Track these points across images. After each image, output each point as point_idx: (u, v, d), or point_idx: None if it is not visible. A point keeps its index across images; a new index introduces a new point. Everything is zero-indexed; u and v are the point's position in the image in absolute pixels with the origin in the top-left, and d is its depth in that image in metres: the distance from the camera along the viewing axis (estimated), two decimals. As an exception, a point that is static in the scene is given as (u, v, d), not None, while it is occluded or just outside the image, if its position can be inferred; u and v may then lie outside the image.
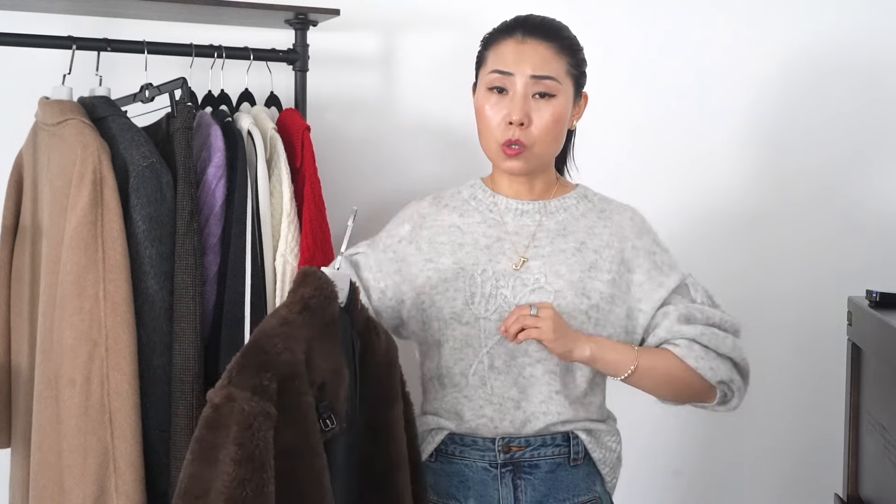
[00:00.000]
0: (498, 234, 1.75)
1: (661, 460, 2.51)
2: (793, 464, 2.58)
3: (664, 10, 2.45)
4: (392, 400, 1.60)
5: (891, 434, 1.76)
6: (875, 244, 2.55)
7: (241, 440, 1.30)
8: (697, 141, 2.49)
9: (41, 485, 1.69)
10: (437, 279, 1.73)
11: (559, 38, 1.72)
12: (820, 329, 2.42)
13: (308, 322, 1.42)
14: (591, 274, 1.71)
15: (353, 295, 1.55)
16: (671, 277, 1.75)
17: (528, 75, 1.68)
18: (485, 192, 1.80)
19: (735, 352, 1.74)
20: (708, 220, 2.50)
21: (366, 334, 1.57)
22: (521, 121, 1.67)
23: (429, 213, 1.82)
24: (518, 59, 1.69)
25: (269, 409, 1.32)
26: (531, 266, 1.71)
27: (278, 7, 1.98)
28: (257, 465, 1.29)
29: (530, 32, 1.71)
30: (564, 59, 1.71)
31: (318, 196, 1.89)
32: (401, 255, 1.79)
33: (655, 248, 1.77)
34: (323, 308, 1.45)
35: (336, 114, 2.24)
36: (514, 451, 1.69)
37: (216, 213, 1.78)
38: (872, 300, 1.91)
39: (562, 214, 1.77)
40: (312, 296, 1.44)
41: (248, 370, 1.34)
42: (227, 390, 1.33)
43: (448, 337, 1.71)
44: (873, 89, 2.56)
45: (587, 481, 1.73)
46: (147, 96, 1.85)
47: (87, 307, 1.64)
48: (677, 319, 1.71)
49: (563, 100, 1.70)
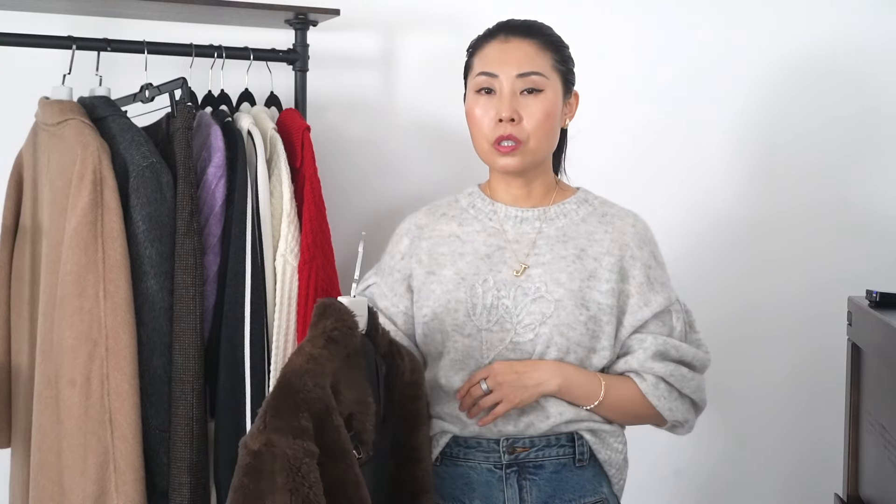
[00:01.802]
0: (498, 242, 1.75)
1: (661, 460, 2.51)
2: (793, 464, 2.58)
3: (659, 13, 2.45)
4: (418, 422, 1.60)
5: (891, 434, 1.76)
6: (875, 244, 2.55)
7: (292, 486, 1.27)
8: (693, 146, 2.49)
9: (41, 485, 1.69)
10: (439, 291, 1.73)
11: (542, 34, 1.73)
12: (820, 329, 2.43)
13: (332, 355, 1.41)
14: (591, 283, 1.70)
15: (373, 320, 1.55)
16: (658, 298, 1.73)
17: (513, 74, 1.69)
18: (483, 201, 1.80)
19: (697, 393, 1.75)
20: (705, 224, 2.50)
21: (389, 357, 1.57)
22: (511, 116, 1.67)
23: (426, 223, 1.81)
24: (502, 58, 1.70)
25: (311, 448, 1.31)
26: (532, 274, 1.71)
27: (278, 7, 1.98)
28: None
29: (513, 32, 1.72)
30: (549, 55, 1.72)
31: (318, 196, 1.89)
32: (406, 273, 1.78)
33: (652, 261, 1.76)
34: (346, 339, 1.43)
35: (336, 114, 2.24)
36: (519, 452, 1.69)
37: (216, 213, 1.78)
38: (872, 300, 1.91)
39: (562, 220, 1.76)
40: (335, 328, 1.42)
41: (283, 412, 1.31)
42: (266, 436, 1.29)
43: (450, 349, 1.71)
44: (869, 91, 2.55)
45: (593, 482, 1.72)
46: (147, 96, 1.85)
47: (87, 307, 1.64)
48: (651, 356, 1.70)
49: (551, 94, 1.71)
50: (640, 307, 1.72)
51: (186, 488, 1.68)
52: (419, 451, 1.59)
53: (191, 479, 1.68)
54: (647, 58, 2.44)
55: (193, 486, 1.69)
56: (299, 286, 1.83)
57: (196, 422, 1.69)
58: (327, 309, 1.44)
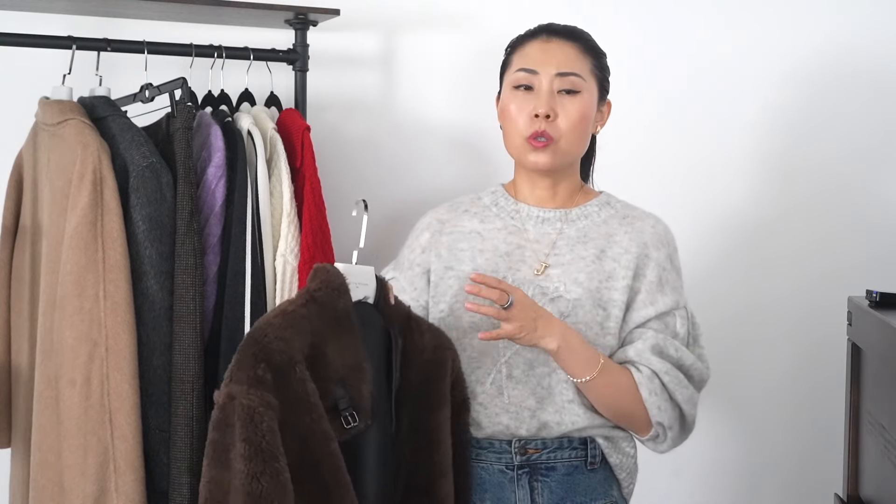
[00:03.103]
0: (518, 241, 1.75)
1: (661, 460, 2.50)
2: (793, 464, 2.58)
3: (670, 14, 2.45)
4: (437, 403, 1.58)
5: (891, 434, 1.76)
6: (875, 244, 2.55)
7: (245, 435, 1.30)
8: (693, 147, 2.49)
9: (41, 485, 1.69)
10: (456, 287, 1.73)
11: (583, 39, 1.76)
12: (820, 329, 2.42)
13: (315, 315, 1.42)
14: (609, 284, 1.70)
15: (383, 291, 1.54)
16: (665, 300, 1.72)
17: (553, 73, 1.70)
18: (507, 200, 1.80)
19: (687, 405, 1.70)
20: (708, 225, 2.49)
21: (407, 332, 1.56)
22: (548, 112, 1.68)
23: (447, 218, 1.81)
24: (544, 57, 1.72)
25: (268, 399, 1.32)
26: (551, 274, 1.71)
27: (278, 7, 1.98)
28: (268, 457, 1.30)
29: (555, 34, 1.75)
30: (589, 59, 1.74)
31: (318, 196, 1.89)
32: (426, 266, 1.78)
33: (668, 263, 1.75)
34: (331, 301, 1.44)
35: (336, 114, 2.24)
36: (531, 454, 1.69)
37: (216, 213, 1.77)
38: (872, 300, 1.91)
39: (583, 222, 1.76)
40: (318, 288, 1.45)
41: (243, 364, 1.35)
42: (228, 388, 1.33)
43: (465, 346, 1.70)
44: (873, 93, 2.55)
45: (604, 486, 1.72)
46: (147, 96, 1.85)
47: (87, 307, 1.64)
48: (651, 348, 1.68)
49: (587, 97, 1.72)
50: (646, 305, 1.71)
51: (186, 488, 1.68)
52: (437, 433, 1.56)
53: (191, 479, 1.68)
54: (648, 58, 2.43)
55: (193, 486, 1.69)
56: (299, 286, 1.83)
57: (196, 422, 1.68)
58: (318, 272, 1.48)
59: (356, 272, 1.50)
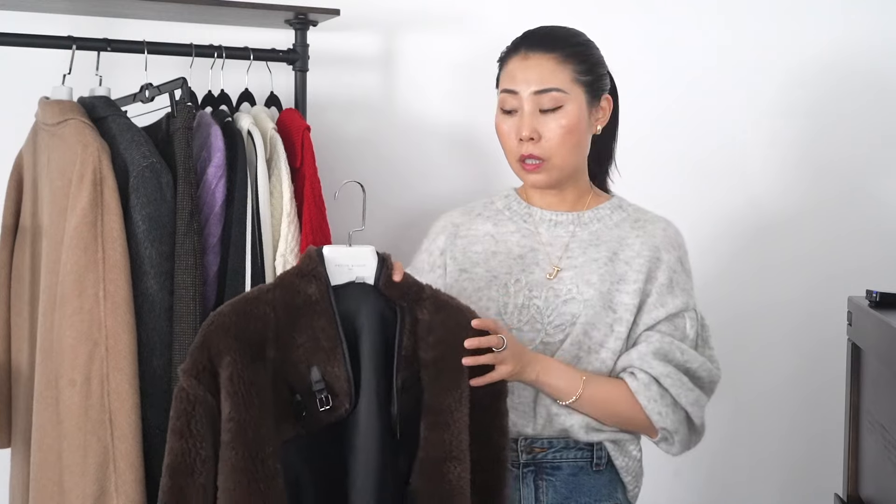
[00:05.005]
0: (532, 244, 1.75)
1: (661, 461, 2.50)
2: (793, 464, 2.58)
3: (672, 16, 2.45)
4: (451, 384, 1.52)
5: (891, 434, 1.76)
6: (879, 247, 2.55)
7: (177, 425, 1.42)
8: (698, 152, 2.49)
9: (41, 485, 1.70)
10: (470, 289, 1.73)
11: (563, 46, 1.71)
12: (821, 331, 2.42)
13: (280, 300, 1.45)
14: (619, 286, 1.70)
15: (386, 271, 1.51)
16: (675, 301, 1.71)
17: (530, 91, 1.69)
18: (520, 204, 1.81)
19: (694, 407, 1.69)
20: (712, 228, 2.49)
21: (418, 310, 1.52)
22: (531, 136, 1.68)
23: (462, 222, 1.82)
24: (522, 76, 1.70)
25: (199, 392, 1.41)
26: (563, 277, 1.71)
27: (278, 7, 1.98)
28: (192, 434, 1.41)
29: (533, 46, 1.71)
30: (570, 68, 1.70)
31: (318, 196, 1.89)
32: (444, 269, 1.79)
33: (678, 266, 1.74)
34: (299, 286, 1.46)
35: (336, 114, 2.24)
36: (537, 453, 1.69)
37: (216, 213, 1.78)
38: (872, 300, 1.91)
39: (595, 225, 1.77)
40: (288, 272, 1.48)
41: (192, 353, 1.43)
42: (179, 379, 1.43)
43: None
44: (876, 97, 2.55)
45: (609, 488, 1.72)
46: (147, 96, 1.85)
47: (87, 307, 1.64)
48: (654, 352, 1.67)
49: (572, 108, 1.70)
50: (656, 307, 1.71)
51: (186, 488, 1.68)
52: (446, 415, 1.51)
53: (191, 479, 1.68)
54: (650, 62, 2.44)
55: (193, 486, 1.69)
56: (299, 286, 1.83)
57: (196, 422, 1.68)
58: (301, 256, 1.51)
59: (347, 253, 1.47)
